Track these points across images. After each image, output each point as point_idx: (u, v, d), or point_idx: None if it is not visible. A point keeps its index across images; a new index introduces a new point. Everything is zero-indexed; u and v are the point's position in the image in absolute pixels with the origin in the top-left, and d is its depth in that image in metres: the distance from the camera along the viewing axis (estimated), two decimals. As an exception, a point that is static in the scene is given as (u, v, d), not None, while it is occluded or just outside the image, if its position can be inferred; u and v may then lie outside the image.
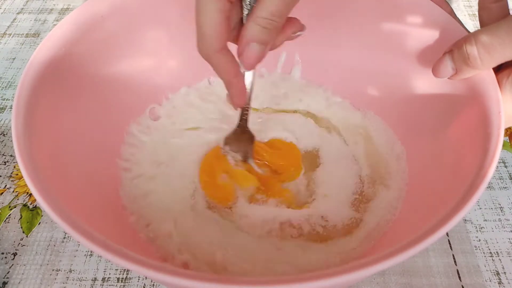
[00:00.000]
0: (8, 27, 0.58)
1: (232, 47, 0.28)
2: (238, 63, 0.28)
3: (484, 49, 0.25)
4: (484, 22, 0.30)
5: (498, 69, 0.27)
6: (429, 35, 0.32)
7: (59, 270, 0.34)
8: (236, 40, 0.28)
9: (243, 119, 0.35)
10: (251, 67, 0.27)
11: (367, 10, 0.37)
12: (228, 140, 0.36)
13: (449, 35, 0.30)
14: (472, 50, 0.25)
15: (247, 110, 0.34)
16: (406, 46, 0.35)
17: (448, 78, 0.28)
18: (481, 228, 0.36)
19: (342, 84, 0.43)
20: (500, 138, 0.24)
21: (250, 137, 0.36)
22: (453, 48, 0.27)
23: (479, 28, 0.28)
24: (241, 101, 0.30)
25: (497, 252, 0.35)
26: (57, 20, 0.59)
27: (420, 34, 0.33)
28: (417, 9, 0.33)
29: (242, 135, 0.36)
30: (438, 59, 0.28)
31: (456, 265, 0.34)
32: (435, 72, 0.28)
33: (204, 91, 0.43)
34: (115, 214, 0.33)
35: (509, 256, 0.35)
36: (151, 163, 0.38)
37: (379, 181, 0.36)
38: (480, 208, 0.38)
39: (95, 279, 0.34)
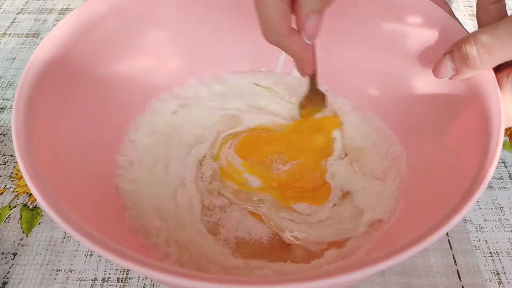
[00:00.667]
0: (8, 27, 0.58)
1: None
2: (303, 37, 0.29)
3: (484, 49, 0.25)
4: (482, 23, 0.30)
5: (497, 69, 0.27)
6: (429, 35, 0.32)
7: (59, 270, 0.34)
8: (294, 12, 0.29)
9: (314, 83, 0.38)
10: (314, 37, 0.29)
11: (366, 10, 0.37)
12: (303, 104, 0.40)
13: (448, 35, 0.30)
14: (471, 50, 0.25)
15: (315, 74, 0.37)
16: (406, 46, 0.35)
17: (449, 78, 0.28)
18: (481, 228, 0.36)
19: (341, 84, 0.43)
20: (500, 138, 0.24)
21: (322, 96, 0.40)
22: (452, 48, 0.27)
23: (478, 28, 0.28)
24: (311, 68, 0.34)
25: (497, 252, 0.35)
26: (57, 20, 0.59)
27: (420, 34, 0.33)
28: (417, 9, 0.33)
29: (315, 97, 0.39)
30: (438, 60, 0.28)
31: (456, 265, 0.34)
32: (436, 73, 0.28)
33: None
34: (115, 213, 0.33)
35: (509, 256, 0.35)
36: (149, 160, 0.38)
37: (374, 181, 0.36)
38: (480, 208, 0.38)
39: (95, 279, 0.34)
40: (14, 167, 0.41)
